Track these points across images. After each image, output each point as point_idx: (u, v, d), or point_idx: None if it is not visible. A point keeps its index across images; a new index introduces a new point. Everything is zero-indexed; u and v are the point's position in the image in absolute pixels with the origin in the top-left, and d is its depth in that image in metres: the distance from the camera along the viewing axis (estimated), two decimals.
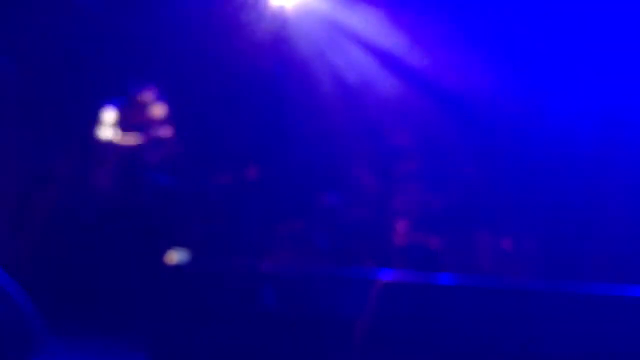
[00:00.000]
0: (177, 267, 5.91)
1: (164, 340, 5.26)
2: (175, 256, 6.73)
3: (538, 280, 5.28)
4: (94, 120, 7.65)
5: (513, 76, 7.58)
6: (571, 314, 4.97)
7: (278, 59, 7.87)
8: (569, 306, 5.05)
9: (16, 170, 7.78)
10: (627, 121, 7.36)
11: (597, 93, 7.43)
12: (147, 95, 7.76)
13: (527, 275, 6.73)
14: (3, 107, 7.71)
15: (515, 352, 4.91)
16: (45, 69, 7.76)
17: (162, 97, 7.88)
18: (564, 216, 7.48)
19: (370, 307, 5.11)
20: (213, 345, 5.15)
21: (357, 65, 8.05)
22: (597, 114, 7.53)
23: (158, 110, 7.86)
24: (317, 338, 5.09)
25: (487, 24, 7.51)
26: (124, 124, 7.65)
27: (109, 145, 7.57)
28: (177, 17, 7.74)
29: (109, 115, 7.66)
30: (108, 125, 7.62)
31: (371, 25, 7.74)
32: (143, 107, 7.77)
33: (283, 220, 7.61)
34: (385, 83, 7.93)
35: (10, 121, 7.76)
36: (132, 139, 7.64)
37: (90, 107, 7.70)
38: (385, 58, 7.94)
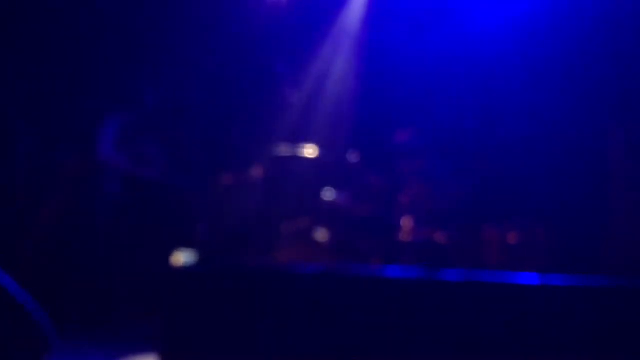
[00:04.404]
0: (184, 268, 5.92)
1: (172, 340, 5.27)
2: (181, 257, 6.73)
3: (545, 274, 5.27)
4: (101, 121, 7.66)
5: (519, 72, 7.60)
6: (578, 308, 4.97)
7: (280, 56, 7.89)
8: (577, 300, 5.05)
9: (24, 171, 7.79)
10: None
11: (604, 89, 7.45)
12: (156, 100, 7.77)
13: (534, 270, 6.73)
14: (11, 106, 7.73)
15: (521, 347, 4.91)
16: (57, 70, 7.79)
17: (168, 98, 7.90)
18: (572, 210, 7.49)
19: (377, 304, 5.11)
20: (221, 344, 5.15)
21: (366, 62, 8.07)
22: (603, 110, 7.55)
23: (162, 111, 7.87)
24: (326, 336, 5.09)
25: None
26: (132, 128, 7.66)
27: (117, 147, 7.58)
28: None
29: (116, 117, 7.68)
30: (116, 127, 7.63)
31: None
32: (150, 110, 7.79)
33: (289, 219, 7.61)
34: (393, 78, 7.95)
35: (18, 122, 7.78)
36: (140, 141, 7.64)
37: (98, 109, 7.71)
38: (391, 54, 7.96)
